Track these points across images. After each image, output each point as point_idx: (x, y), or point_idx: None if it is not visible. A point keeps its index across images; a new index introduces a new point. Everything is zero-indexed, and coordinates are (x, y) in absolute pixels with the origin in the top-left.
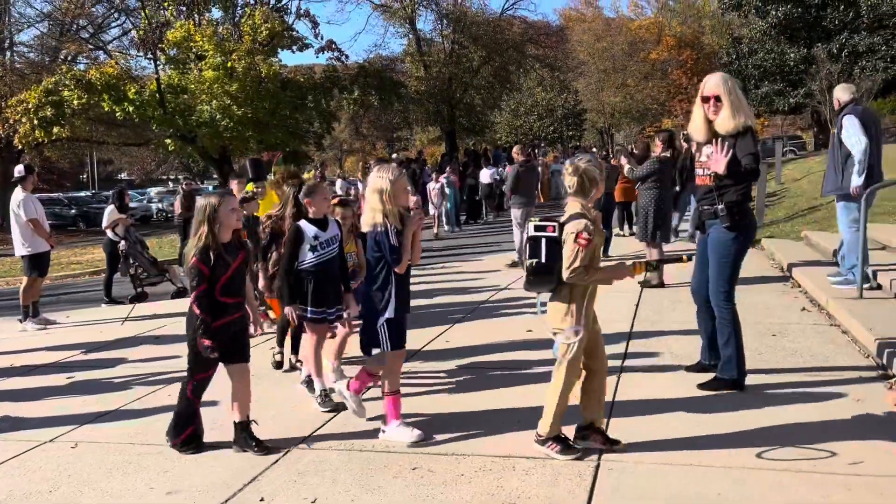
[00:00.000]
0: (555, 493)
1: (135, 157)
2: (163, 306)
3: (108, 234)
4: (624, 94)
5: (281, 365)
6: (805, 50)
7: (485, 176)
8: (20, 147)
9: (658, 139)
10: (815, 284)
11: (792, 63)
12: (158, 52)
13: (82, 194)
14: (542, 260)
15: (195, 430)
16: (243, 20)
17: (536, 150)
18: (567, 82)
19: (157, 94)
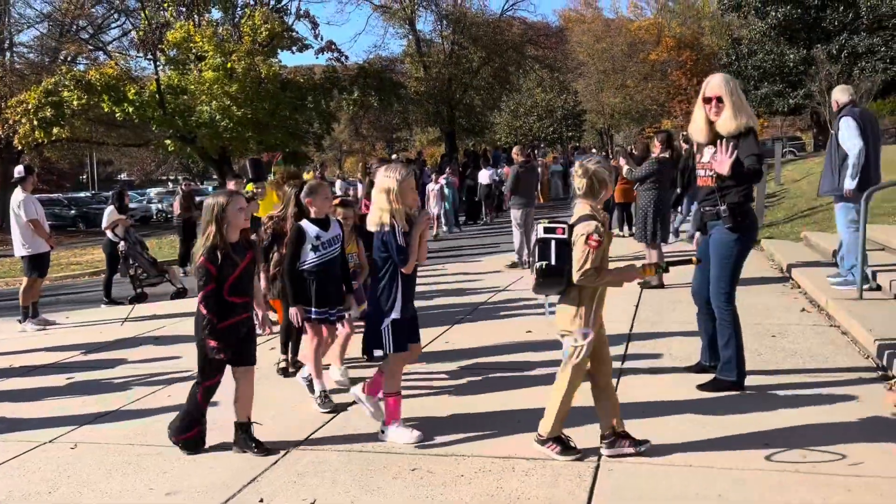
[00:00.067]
0: (555, 493)
1: (134, 158)
2: (162, 307)
3: (108, 234)
4: (623, 95)
5: (287, 371)
6: (804, 51)
7: (483, 177)
8: (20, 148)
9: (656, 140)
10: (815, 285)
11: (791, 64)
12: (158, 53)
13: (82, 195)
14: (552, 262)
15: (200, 431)
16: (243, 21)
17: (536, 151)
18: (566, 83)
19: (157, 95)
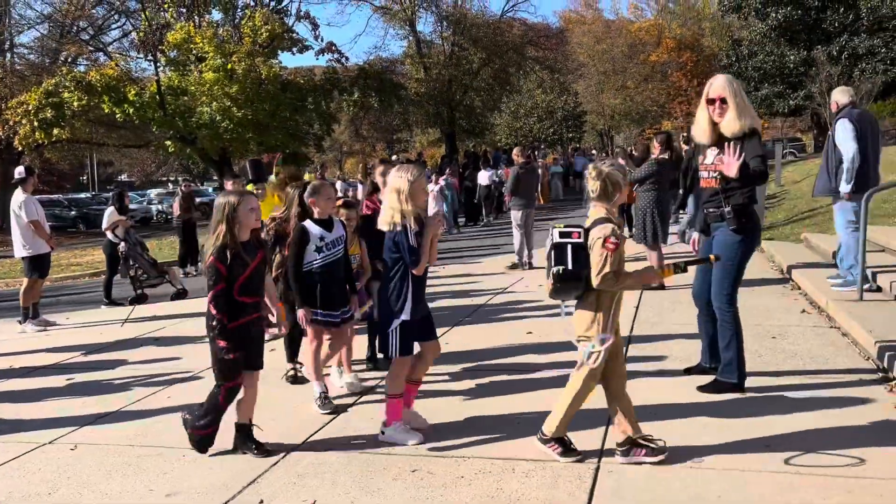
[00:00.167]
0: (555, 495)
1: (135, 159)
2: (162, 308)
3: (108, 235)
4: (624, 96)
5: (297, 378)
6: (805, 52)
7: (483, 178)
8: (20, 148)
9: (656, 141)
10: (815, 286)
11: (792, 65)
12: (158, 54)
13: (82, 196)
14: (569, 266)
15: (214, 431)
16: (243, 22)
17: (536, 152)
18: (567, 84)
19: (158, 96)
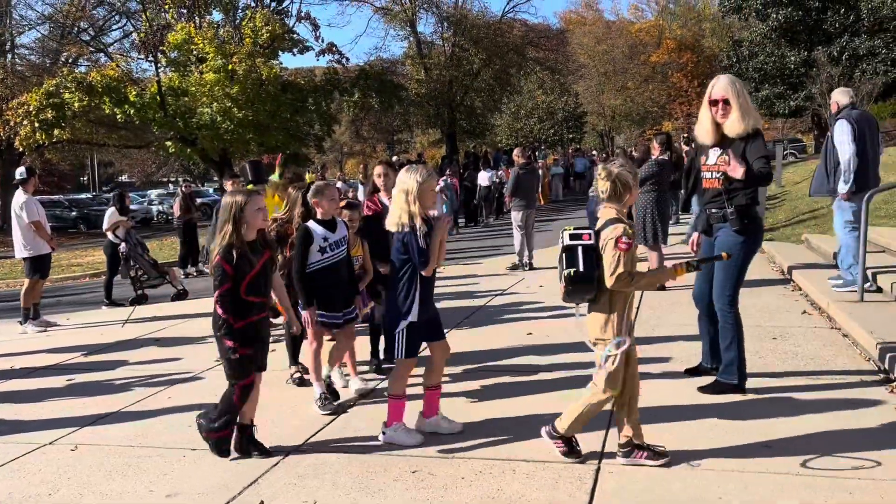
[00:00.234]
0: (555, 496)
1: (135, 160)
2: (163, 309)
3: (109, 236)
4: (624, 97)
5: (303, 381)
6: (805, 53)
7: (483, 179)
8: (21, 149)
9: (655, 142)
10: (816, 287)
11: (792, 66)
12: (159, 55)
13: (83, 196)
14: (581, 269)
15: (231, 432)
16: (244, 23)
17: (536, 153)
18: (567, 85)
19: (158, 97)
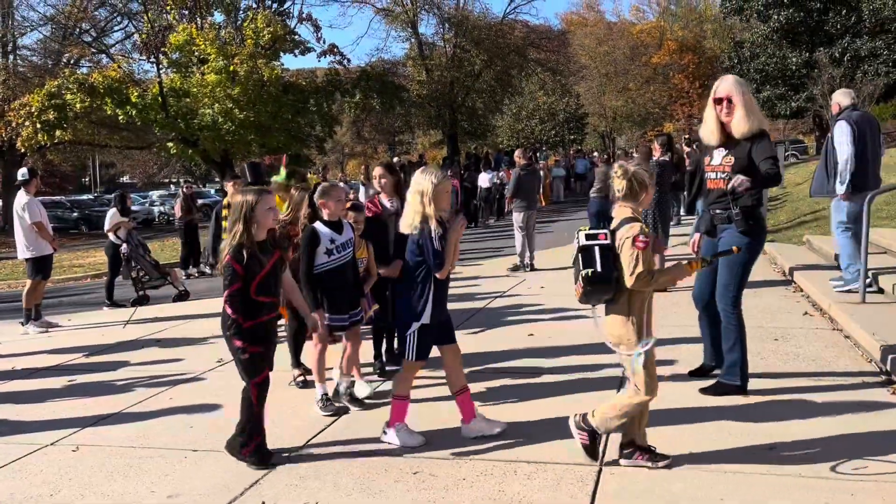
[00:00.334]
0: (557, 497)
1: (137, 161)
2: (164, 309)
3: (111, 237)
4: (625, 98)
5: (307, 383)
6: (807, 54)
7: (483, 180)
8: (23, 150)
9: (656, 143)
10: (818, 288)
11: (794, 67)
12: (161, 56)
13: (84, 197)
14: (598, 269)
15: (262, 439)
16: (245, 24)
17: (538, 154)
18: (569, 86)
19: (160, 98)
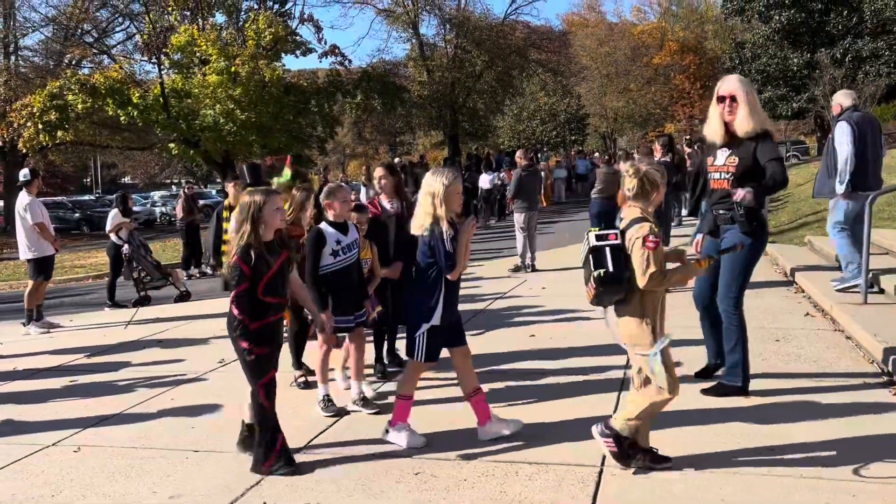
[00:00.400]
0: (558, 498)
1: (138, 161)
2: (166, 310)
3: (112, 237)
4: (627, 99)
5: (308, 384)
6: (808, 55)
7: (484, 181)
8: (24, 151)
9: (657, 144)
10: (819, 289)
11: (795, 68)
12: (162, 57)
13: (86, 198)
14: (610, 269)
15: (283, 442)
16: (247, 25)
17: (539, 155)
18: (570, 87)
19: (161, 99)
